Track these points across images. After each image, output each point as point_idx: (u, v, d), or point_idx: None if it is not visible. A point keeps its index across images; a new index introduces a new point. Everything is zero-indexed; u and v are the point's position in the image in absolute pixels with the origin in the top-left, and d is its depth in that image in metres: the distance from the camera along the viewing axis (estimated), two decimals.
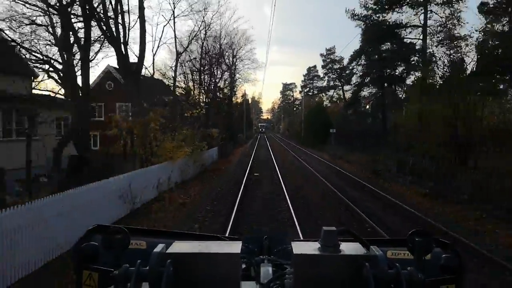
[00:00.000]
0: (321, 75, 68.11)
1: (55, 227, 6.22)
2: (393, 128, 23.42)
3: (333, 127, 32.14)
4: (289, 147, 43.59)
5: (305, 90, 76.33)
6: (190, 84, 31.27)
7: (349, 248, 0.90)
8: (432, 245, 0.95)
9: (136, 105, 14.50)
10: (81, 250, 0.99)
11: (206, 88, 32.67)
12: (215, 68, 34.24)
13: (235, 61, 40.11)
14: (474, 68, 18.31)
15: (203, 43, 29.27)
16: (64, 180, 9.74)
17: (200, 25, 28.98)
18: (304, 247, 0.90)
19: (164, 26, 45.70)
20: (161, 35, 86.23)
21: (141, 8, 15.21)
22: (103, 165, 11.93)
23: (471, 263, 6.49)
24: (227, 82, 40.34)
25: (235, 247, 0.92)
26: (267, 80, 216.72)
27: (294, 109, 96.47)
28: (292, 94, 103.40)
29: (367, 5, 24.84)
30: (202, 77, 30.73)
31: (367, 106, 39.92)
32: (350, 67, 37.71)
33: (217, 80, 35.73)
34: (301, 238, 3.45)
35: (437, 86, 15.18)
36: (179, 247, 0.90)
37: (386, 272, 0.82)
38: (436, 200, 12.52)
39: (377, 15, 22.98)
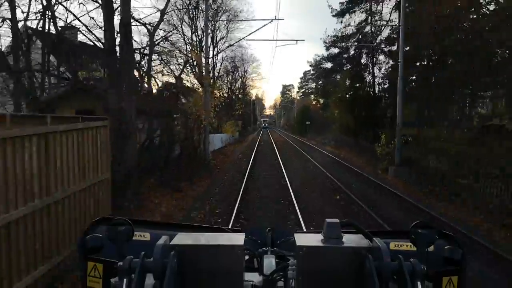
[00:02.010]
0: (314, 78, 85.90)
1: (215, 142, 24.72)
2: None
3: (310, 121, 50.80)
4: (283, 135, 62.85)
5: (302, 90, 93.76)
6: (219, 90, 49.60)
7: (352, 240, 0.91)
8: (435, 237, 0.94)
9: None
10: (85, 241, 0.98)
11: (228, 93, 51.02)
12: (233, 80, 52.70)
13: (246, 74, 58.52)
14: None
15: (233, 73, 47.09)
16: None
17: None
18: (307, 239, 0.92)
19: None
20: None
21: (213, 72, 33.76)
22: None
23: (333, 160, 25.02)
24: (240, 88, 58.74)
25: (239, 238, 0.94)
26: (271, 76, 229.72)
27: (294, 106, 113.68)
28: (290, 94, 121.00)
29: (318, 57, 45.88)
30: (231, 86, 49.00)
31: None
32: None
33: (233, 87, 54.11)
34: (304, 230, 4.12)
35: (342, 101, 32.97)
36: (183, 238, 0.92)
37: (389, 264, 0.83)
38: (338, 150, 30.87)
39: (322, 65, 42.85)
